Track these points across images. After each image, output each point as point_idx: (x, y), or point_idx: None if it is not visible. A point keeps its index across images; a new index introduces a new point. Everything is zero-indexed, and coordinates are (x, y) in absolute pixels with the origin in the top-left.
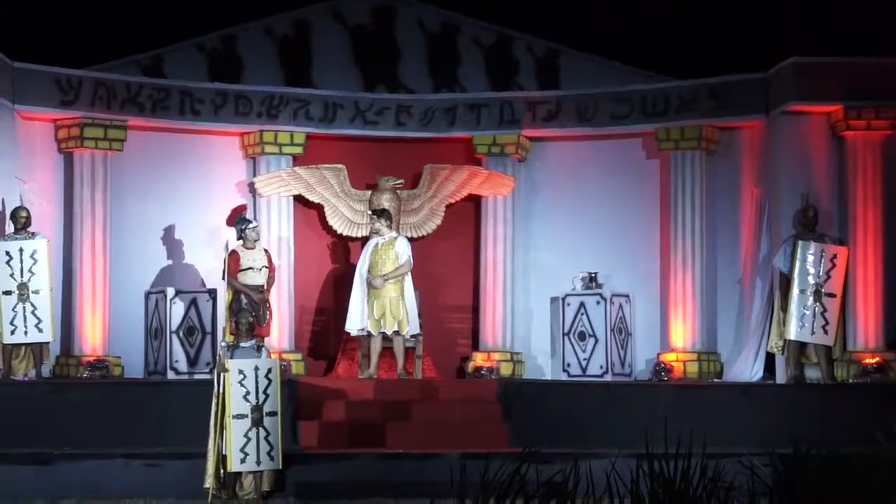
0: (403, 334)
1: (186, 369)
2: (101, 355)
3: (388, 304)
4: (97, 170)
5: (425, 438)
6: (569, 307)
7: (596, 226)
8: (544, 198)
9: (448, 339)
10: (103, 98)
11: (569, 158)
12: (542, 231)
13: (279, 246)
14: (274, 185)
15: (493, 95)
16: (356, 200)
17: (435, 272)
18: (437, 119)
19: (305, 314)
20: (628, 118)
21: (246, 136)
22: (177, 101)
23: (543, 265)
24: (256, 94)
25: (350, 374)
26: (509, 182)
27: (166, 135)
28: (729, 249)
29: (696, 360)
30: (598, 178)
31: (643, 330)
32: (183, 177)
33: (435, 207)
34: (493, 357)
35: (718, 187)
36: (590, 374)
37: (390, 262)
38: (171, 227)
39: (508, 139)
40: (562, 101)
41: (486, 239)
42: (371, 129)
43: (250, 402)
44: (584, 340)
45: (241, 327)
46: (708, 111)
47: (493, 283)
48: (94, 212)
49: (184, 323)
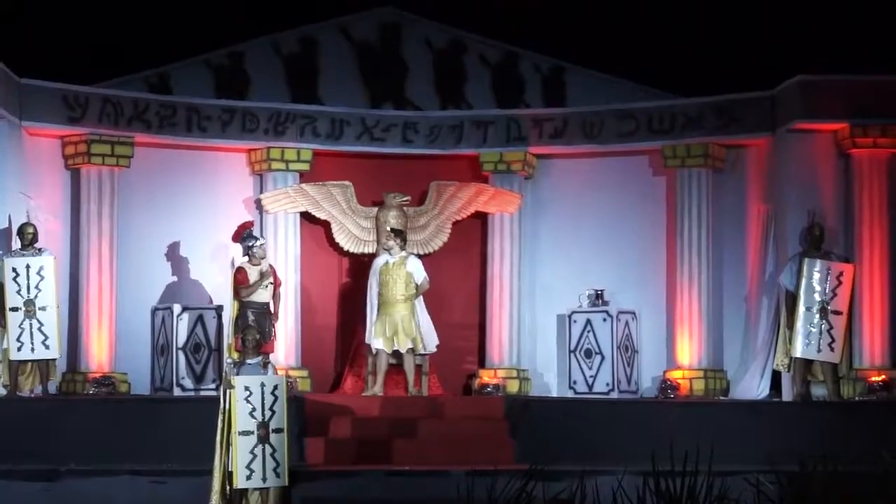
0: (420, 352)
1: (193, 386)
2: (108, 372)
3: (401, 323)
4: (104, 186)
5: (432, 455)
6: (575, 324)
7: (602, 243)
8: (550, 215)
9: (454, 356)
10: (110, 114)
11: (575, 175)
12: (548, 248)
13: (286, 263)
14: (281, 201)
15: (499, 112)
16: (363, 217)
17: (441, 289)
18: (443, 136)
19: (312, 331)
20: (634, 135)
21: (253, 152)
22: (184, 117)
23: (550, 282)
24: (263, 111)
25: (356, 390)
26: (516, 199)
27: (173, 151)
28: (735, 267)
29: (703, 378)
30: (605, 195)
31: (649, 347)
32: (189, 193)
33: (441, 224)
34: (500, 374)
35: (725, 205)
36: (596, 392)
37: (401, 281)
38: (178, 243)
39: (515, 156)
40: (568, 119)
41: (493, 256)
42: (378, 145)
43: (256, 419)
44: (590, 358)
45: (247, 344)
46: (714, 129)
47: (499, 300)
48: (101, 228)
49: (190, 339)
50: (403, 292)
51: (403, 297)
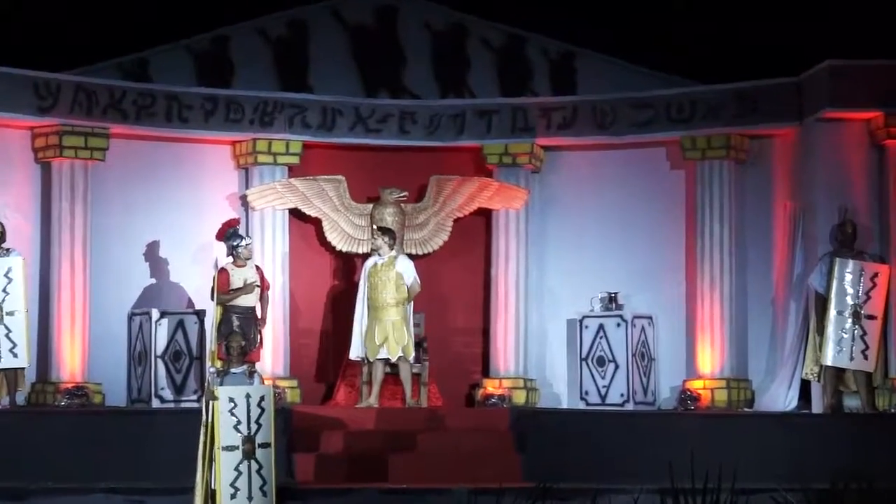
0: (410, 360)
1: (172, 397)
2: (81, 382)
3: (391, 329)
4: (77, 181)
5: (431, 472)
6: (587, 330)
7: (616, 242)
8: (560, 212)
9: (456, 364)
10: (84, 104)
11: (586, 169)
12: (557, 247)
13: (273, 263)
14: (268, 197)
15: (504, 101)
16: (356, 214)
17: (442, 292)
18: (443, 127)
19: (301, 337)
20: (651, 125)
21: (238, 144)
22: (163, 107)
23: (559, 284)
24: (249, 100)
25: (350, 402)
26: (522, 195)
27: (152, 143)
28: (760, 267)
29: (726, 388)
30: (618, 190)
31: (667, 355)
32: (169, 189)
33: (442, 222)
34: (505, 384)
35: (749, 200)
36: (609, 403)
37: (391, 284)
38: (157, 242)
39: (521, 148)
40: (578, 108)
41: (497, 256)
42: (373, 137)
43: (241, 433)
44: (603, 366)
45: (231, 351)
46: (737, 118)
47: (504, 304)
48: (74, 226)
49: (170, 347)
50: (394, 296)
51: (394, 300)
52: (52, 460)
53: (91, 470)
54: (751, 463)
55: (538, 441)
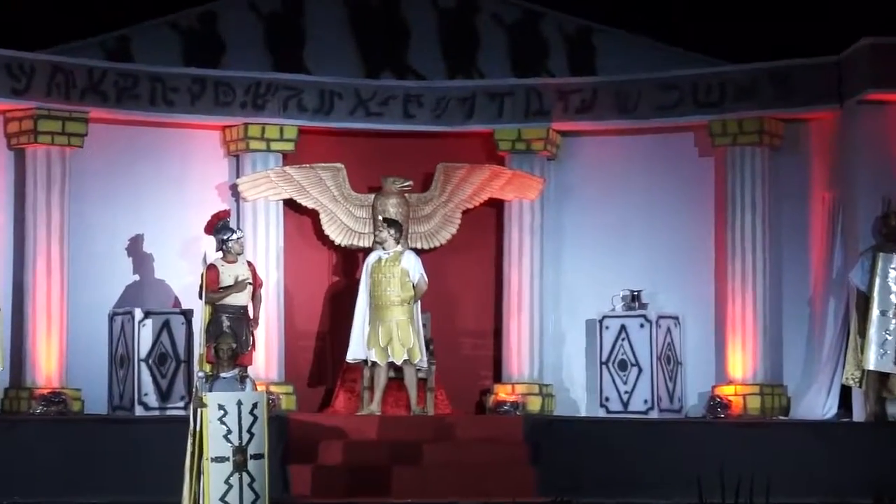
0: (415, 364)
1: (157, 404)
2: (58, 387)
3: (396, 329)
4: (53, 169)
5: (438, 486)
6: (607, 331)
7: (639, 235)
8: (578, 202)
9: (465, 368)
10: (60, 86)
11: (607, 156)
12: (575, 242)
13: (267, 259)
14: (261, 187)
15: (517, 82)
16: (357, 206)
17: (449, 290)
18: (451, 110)
19: (297, 339)
20: (677, 109)
21: (228, 129)
22: (146, 88)
23: (577, 282)
24: (240, 81)
25: (350, 409)
26: (537, 184)
27: (134, 129)
28: (796, 263)
29: (759, 394)
30: (642, 179)
31: (695, 358)
32: (154, 178)
33: (449, 214)
34: (519, 390)
35: (783, 190)
36: (632, 410)
37: (396, 281)
38: (140, 236)
39: (536, 134)
40: (598, 89)
41: (510, 251)
42: (375, 121)
43: (232, 443)
44: (625, 370)
45: (221, 355)
46: (770, 100)
47: (517, 303)
48: (50, 219)
49: (154, 349)
50: (399, 294)
51: (399, 299)
52: (25, 473)
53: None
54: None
55: (554, 452)
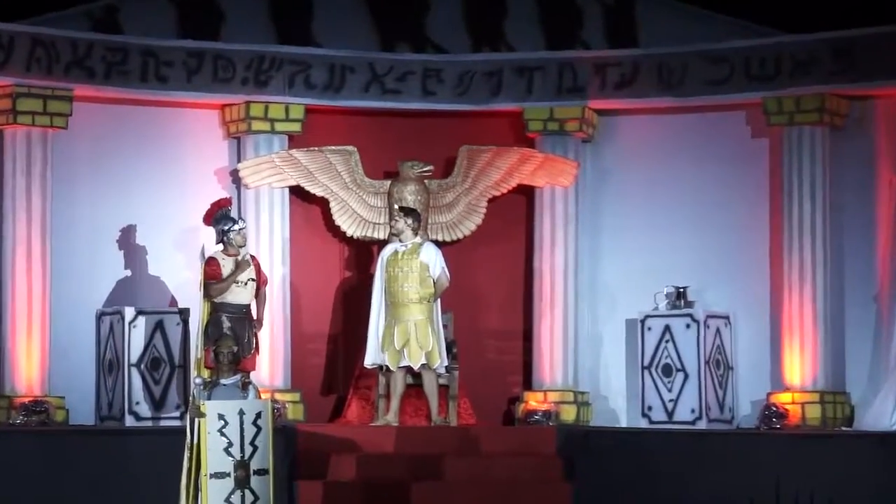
0: (435, 368)
1: (150, 413)
2: (40, 395)
3: (414, 331)
4: (34, 153)
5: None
6: (650, 332)
7: (685, 225)
8: (617, 189)
9: (492, 373)
10: (41, 60)
11: (649, 137)
12: (613, 233)
13: (271, 253)
14: (264, 173)
15: (549, 56)
16: (371, 193)
17: (474, 287)
18: (476, 87)
19: (305, 342)
20: (727, 84)
21: (227, 109)
22: (137, 63)
23: (616, 277)
24: (241, 55)
25: (364, 419)
26: (571, 168)
27: (124, 108)
28: (861, 257)
29: (819, 403)
30: (688, 162)
31: (748, 362)
32: (146, 163)
33: (474, 202)
34: (551, 398)
35: (847, 174)
36: (678, 420)
37: (414, 276)
38: (131, 227)
39: (570, 113)
40: (640, 63)
41: (541, 243)
42: (390, 99)
43: (233, 457)
44: (670, 376)
45: (221, 359)
46: (832, 75)
47: (550, 302)
48: (30, 208)
49: (147, 353)
50: (418, 290)
51: (418, 296)
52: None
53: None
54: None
55: (591, 467)
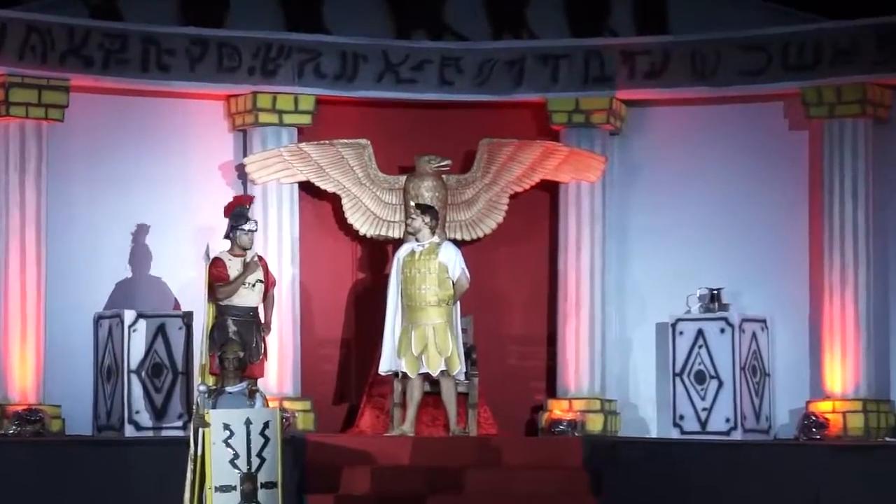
0: (454, 375)
1: (151, 423)
2: (34, 403)
3: (433, 335)
4: (28, 147)
5: None
6: (681, 337)
7: (719, 224)
8: (646, 185)
9: (513, 381)
10: (36, 48)
11: (680, 130)
12: (643, 231)
13: (279, 253)
14: (272, 168)
15: (575, 43)
16: (385, 189)
17: (495, 289)
18: (497, 76)
19: (316, 347)
20: (763, 74)
21: (233, 100)
22: (138, 52)
23: (646, 278)
24: (247, 43)
25: (378, 429)
26: (598, 163)
27: (123, 99)
28: None
29: (862, 412)
30: (722, 157)
31: (786, 369)
32: (146, 157)
33: (495, 199)
34: (577, 406)
35: (891, 170)
36: (711, 431)
37: (432, 277)
38: (131, 226)
39: (596, 104)
40: (671, 51)
41: (566, 242)
42: (406, 90)
43: (240, 469)
44: (703, 383)
45: (227, 365)
46: (876, 64)
47: (575, 304)
48: (24, 205)
49: (148, 359)
50: (436, 293)
51: (436, 299)
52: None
53: None
54: None
55: (619, 480)
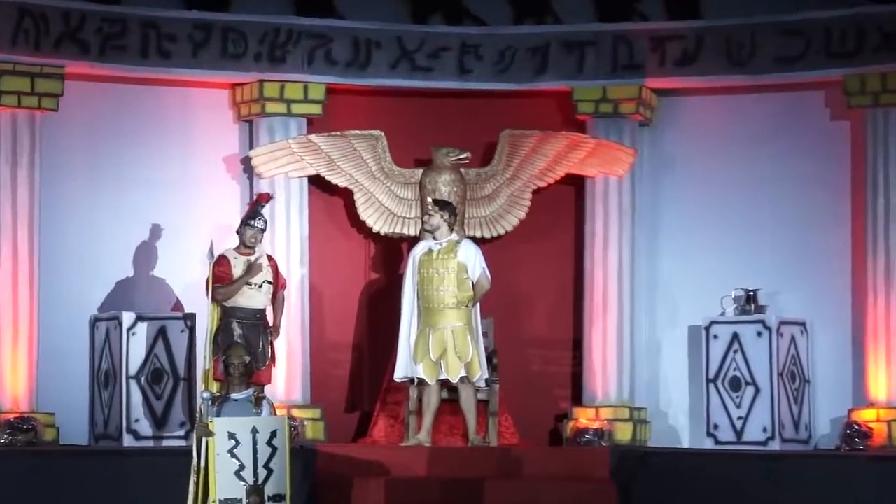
0: (474, 381)
1: (151, 432)
2: (27, 411)
3: (452, 340)
4: (20, 138)
5: None
6: (716, 341)
7: (755, 220)
8: (678, 179)
9: (537, 388)
10: (30, 33)
11: (714, 120)
12: (674, 228)
13: (288, 252)
14: (280, 161)
15: (602, 28)
16: (400, 183)
17: (517, 290)
18: (519, 64)
19: (326, 351)
20: (803, 61)
21: (239, 88)
22: (137, 37)
23: (677, 279)
24: (254, 28)
25: (392, 439)
26: (626, 156)
27: (122, 87)
28: None
29: None
30: (758, 149)
31: (827, 375)
32: (146, 149)
33: (517, 194)
34: (604, 415)
35: None
36: (748, 441)
37: (451, 278)
38: (130, 222)
39: (625, 92)
40: (704, 37)
41: (593, 240)
42: (422, 78)
43: (246, 482)
44: (738, 390)
45: (231, 370)
46: None
47: (602, 306)
48: (16, 200)
49: (148, 364)
50: (455, 294)
51: (455, 300)
52: None
53: None
54: None
55: (649, 493)
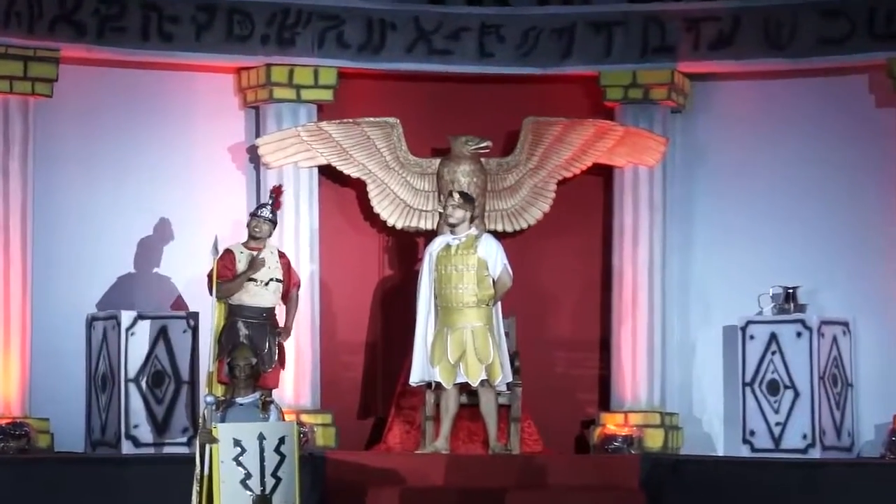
0: (495, 385)
1: (151, 438)
2: (19, 417)
3: (472, 340)
4: (12, 126)
5: None
6: (752, 342)
7: (795, 213)
8: (712, 169)
9: (561, 392)
10: (22, 15)
11: (751, 107)
12: (708, 222)
13: (297, 246)
14: (288, 150)
15: (631, 8)
16: (416, 174)
17: (541, 288)
18: (543, 47)
19: (337, 353)
20: (846, 43)
21: (244, 73)
22: (136, 18)
23: (712, 276)
24: (261, 8)
25: (408, 446)
26: (657, 144)
27: (120, 71)
28: None
29: None
30: (798, 137)
31: (871, 378)
32: (146, 137)
33: (540, 185)
34: (633, 420)
35: None
36: (786, 448)
37: (471, 275)
38: (129, 215)
39: (656, 77)
40: (741, 17)
41: (622, 234)
42: (440, 62)
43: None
44: (776, 394)
45: (237, 373)
46: None
47: (631, 305)
48: (8, 191)
49: (148, 366)
50: (475, 292)
51: (475, 299)
52: None
53: None
54: None
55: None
